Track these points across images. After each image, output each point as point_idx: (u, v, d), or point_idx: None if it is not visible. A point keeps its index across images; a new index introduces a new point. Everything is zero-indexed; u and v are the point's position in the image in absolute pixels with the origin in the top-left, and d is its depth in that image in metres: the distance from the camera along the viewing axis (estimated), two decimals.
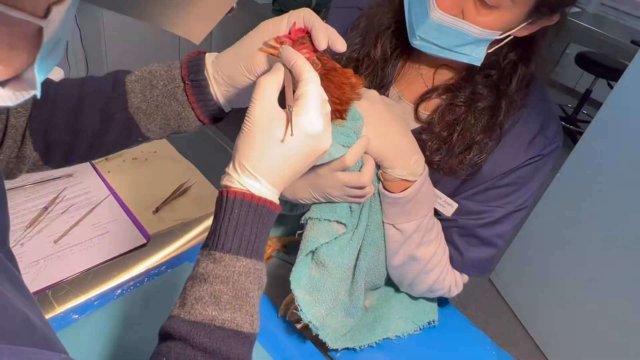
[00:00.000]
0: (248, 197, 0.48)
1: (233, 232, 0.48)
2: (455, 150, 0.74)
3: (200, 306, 0.46)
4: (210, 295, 0.46)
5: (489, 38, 0.66)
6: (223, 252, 0.47)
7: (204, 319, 0.45)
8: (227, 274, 0.47)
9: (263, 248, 0.50)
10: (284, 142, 0.48)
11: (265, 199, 0.49)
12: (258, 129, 0.48)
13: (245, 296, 0.47)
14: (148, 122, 0.60)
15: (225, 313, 0.46)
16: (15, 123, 0.57)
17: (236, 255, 0.48)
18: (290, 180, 0.51)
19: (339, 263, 0.73)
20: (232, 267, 0.47)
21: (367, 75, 0.79)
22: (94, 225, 0.95)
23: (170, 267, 0.90)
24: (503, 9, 0.62)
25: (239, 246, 0.48)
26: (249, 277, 0.48)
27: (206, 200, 1.06)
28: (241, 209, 0.48)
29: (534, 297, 2.11)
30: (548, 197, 1.91)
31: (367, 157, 0.67)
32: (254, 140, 0.48)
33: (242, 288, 0.47)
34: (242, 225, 0.48)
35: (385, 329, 0.85)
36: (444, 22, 0.64)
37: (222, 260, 0.47)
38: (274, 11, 2.84)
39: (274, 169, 0.49)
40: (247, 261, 0.48)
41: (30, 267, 0.84)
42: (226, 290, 0.47)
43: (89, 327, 0.77)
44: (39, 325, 0.36)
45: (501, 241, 0.80)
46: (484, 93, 0.73)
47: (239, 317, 0.46)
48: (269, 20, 0.58)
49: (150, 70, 0.60)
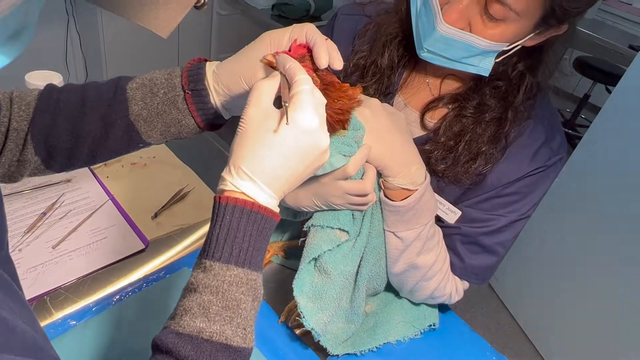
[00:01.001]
0: (241, 203, 0.46)
1: (224, 240, 0.45)
2: (460, 160, 0.74)
3: (189, 317, 0.44)
4: (199, 306, 0.44)
5: (497, 49, 0.66)
6: (213, 260, 0.45)
7: (192, 330, 0.43)
8: (216, 283, 0.45)
9: (259, 258, 0.48)
10: (278, 132, 0.46)
11: (260, 205, 0.46)
12: (252, 128, 0.47)
13: (237, 307, 0.45)
14: (149, 129, 0.60)
15: (213, 325, 0.43)
16: (17, 127, 0.57)
17: (227, 264, 0.45)
18: (289, 184, 0.49)
19: (342, 270, 0.73)
20: (222, 276, 0.45)
21: (374, 83, 0.79)
22: (93, 230, 0.94)
23: (169, 272, 0.89)
24: (510, 22, 0.62)
25: (229, 254, 0.45)
26: (240, 287, 0.46)
27: (205, 205, 1.06)
28: (233, 215, 0.45)
29: (534, 303, 2.10)
30: (548, 201, 1.90)
31: (369, 165, 0.67)
32: (248, 140, 0.47)
33: (233, 299, 0.45)
34: (233, 232, 0.46)
35: (386, 334, 0.85)
36: (451, 35, 0.64)
37: (211, 269, 0.45)
38: (272, 17, 2.85)
39: (269, 170, 0.47)
40: (239, 271, 0.46)
41: (28, 273, 0.83)
42: (215, 301, 0.44)
43: (87, 333, 0.76)
44: (27, 332, 0.35)
45: (502, 249, 0.80)
46: (492, 104, 0.73)
47: (228, 330, 0.44)
48: (271, 32, 0.58)
49: (151, 78, 0.60)
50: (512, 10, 0.60)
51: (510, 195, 0.76)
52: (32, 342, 0.35)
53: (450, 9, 0.63)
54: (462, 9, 0.62)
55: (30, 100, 0.58)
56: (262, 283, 0.49)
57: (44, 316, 0.78)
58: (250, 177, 0.46)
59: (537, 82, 0.73)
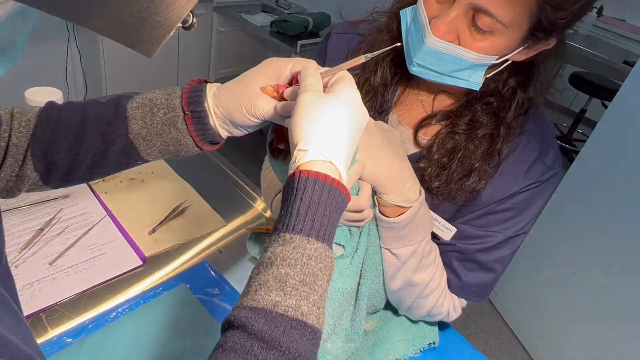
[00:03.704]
0: (322, 177, 0.45)
1: (305, 213, 0.44)
2: (454, 177, 0.74)
3: (264, 291, 0.42)
4: (275, 279, 0.42)
5: (486, 63, 0.66)
6: (294, 233, 0.44)
7: (267, 304, 0.41)
8: (296, 256, 0.43)
9: (333, 237, 0.47)
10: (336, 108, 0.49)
11: (339, 181, 0.47)
12: (319, 109, 0.49)
13: (313, 284, 0.43)
14: (148, 147, 0.61)
15: (289, 299, 0.41)
16: (17, 142, 0.58)
17: (307, 237, 0.44)
18: (350, 156, 0.51)
19: (339, 287, 0.72)
20: (302, 248, 0.43)
21: (367, 101, 0.79)
22: (90, 246, 0.94)
23: (167, 289, 0.88)
24: (497, 34, 0.62)
25: (311, 227, 0.44)
26: (319, 263, 0.44)
27: (203, 220, 1.06)
28: (314, 189, 0.45)
29: (534, 318, 2.08)
30: (546, 215, 1.90)
31: (364, 182, 0.67)
32: (315, 118, 0.48)
33: (311, 273, 0.43)
34: (315, 205, 0.45)
35: (385, 352, 0.83)
36: (439, 48, 0.64)
37: (291, 241, 0.44)
38: (271, 33, 2.88)
39: (338, 144, 0.49)
40: (319, 245, 0.44)
41: (24, 289, 0.83)
42: (293, 274, 0.42)
43: (83, 351, 0.76)
44: (22, 350, 0.35)
45: (500, 266, 0.80)
46: (484, 121, 0.73)
47: (304, 306, 0.42)
48: (273, 61, 0.59)
49: (151, 98, 0.61)
50: (499, 22, 0.60)
51: (504, 211, 0.76)
52: (26, 359, 0.35)
53: (438, 22, 0.63)
54: (449, 21, 0.63)
55: (31, 116, 0.59)
56: (334, 265, 0.48)
57: (40, 333, 0.77)
58: (324, 152, 0.47)
59: (528, 97, 0.73)
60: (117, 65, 2.78)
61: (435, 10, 0.64)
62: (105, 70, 2.78)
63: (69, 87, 2.91)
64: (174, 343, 0.79)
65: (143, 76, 2.88)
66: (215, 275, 0.93)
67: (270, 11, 3.21)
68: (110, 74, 2.80)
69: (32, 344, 0.38)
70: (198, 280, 0.91)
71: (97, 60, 2.74)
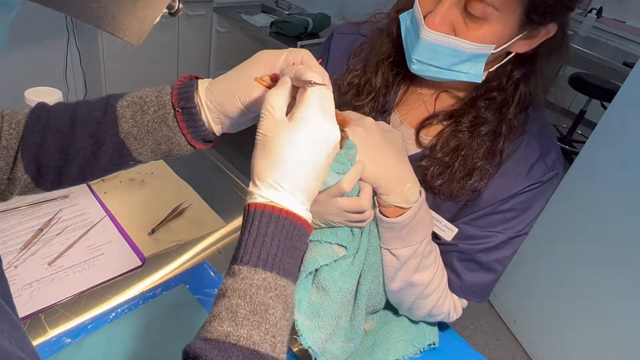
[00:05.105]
0: (269, 209, 0.46)
1: (252, 244, 0.45)
2: (456, 176, 0.74)
3: (217, 322, 0.43)
4: (227, 310, 0.43)
5: (485, 53, 0.66)
6: (242, 264, 0.45)
7: (219, 335, 0.42)
8: (244, 286, 0.44)
9: (290, 266, 0.47)
10: (291, 136, 0.46)
11: (288, 210, 0.47)
12: (268, 140, 0.48)
13: (265, 312, 0.44)
14: (139, 147, 0.60)
15: (241, 329, 0.42)
16: (6, 144, 0.57)
17: (254, 267, 0.45)
18: (312, 184, 0.49)
19: (340, 287, 0.72)
20: (249, 279, 0.44)
21: (369, 102, 0.80)
22: (89, 247, 0.94)
23: (166, 289, 0.88)
24: (492, 21, 0.62)
25: (257, 258, 0.45)
26: (269, 292, 0.44)
27: (202, 221, 1.06)
28: (261, 220, 0.46)
29: (533, 319, 2.08)
30: (546, 216, 1.91)
31: (364, 183, 0.67)
32: (266, 151, 0.47)
33: (262, 303, 0.44)
34: (262, 237, 0.45)
35: (385, 353, 0.83)
36: (435, 41, 0.64)
37: (240, 272, 0.45)
38: (271, 34, 2.88)
39: (294, 177, 0.47)
40: (267, 274, 0.45)
41: (23, 290, 0.82)
42: (243, 305, 0.43)
43: (82, 351, 0.75)
44: (12, 354, 0.34)
45: (500, 267, 0.80)
46: (487, 117, 0.73)
47: (256, 335, 0.42)
48: (267, 52, 0.58)
49: (141, 96, 0.60)
50: (491, 5, 0.60)
51: (506, 211, 0.76)
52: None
53: (432, 15, 0.64)
54: (443, 12, 0.63)
55: (21, 118, 0.58)
56: (293, 293, 0.48)
57: (39, 334, 0.77)
58: (275, 187, 0.47)
59: (530, 92, 0.73)
60: (117, 65, 2.78)
61: (430, 5, 0.65)
62: (105, 70, 2.77)
63: (68, 87, 2.91)
64: (173, 343, 0.79)
65: (143, 76, 2.88)
66: (214, 276, 0.93)
67: (270, 12, 3.21)
68: (110, 74, 2.80)
69: (27, 347, 0.38)
70: (197, 280, 0.91)
71: (96, 60, 2.73)
